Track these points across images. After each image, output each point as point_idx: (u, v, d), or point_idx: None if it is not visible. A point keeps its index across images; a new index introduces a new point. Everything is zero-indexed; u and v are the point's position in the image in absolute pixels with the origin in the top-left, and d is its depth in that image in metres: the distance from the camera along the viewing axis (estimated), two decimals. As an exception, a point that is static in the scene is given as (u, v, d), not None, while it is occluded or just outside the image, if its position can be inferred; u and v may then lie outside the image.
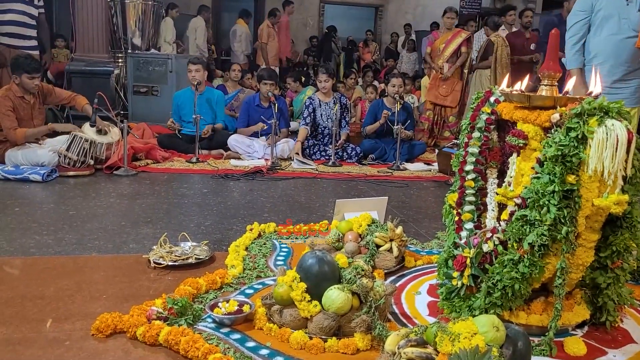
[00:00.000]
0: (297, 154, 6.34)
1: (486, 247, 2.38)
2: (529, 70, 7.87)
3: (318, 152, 6.62)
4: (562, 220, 2.15)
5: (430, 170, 6.22)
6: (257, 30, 11.30)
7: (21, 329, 2.28)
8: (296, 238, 3.58)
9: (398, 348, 1.97)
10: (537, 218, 2.19)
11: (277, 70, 10.56)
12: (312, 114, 6.70)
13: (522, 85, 2.58)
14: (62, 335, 2.24)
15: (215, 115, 6.71)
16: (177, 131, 6.41)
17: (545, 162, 2.18)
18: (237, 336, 2.28)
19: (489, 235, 2.41)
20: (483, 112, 2.58)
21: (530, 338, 2.11)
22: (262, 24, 11.24)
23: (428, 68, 8.82)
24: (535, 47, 8.27)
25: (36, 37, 6.78)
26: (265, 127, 6.38)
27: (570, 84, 2.49)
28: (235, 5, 14.89)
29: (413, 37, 13.67)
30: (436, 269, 2.78)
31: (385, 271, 3.01)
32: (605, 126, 2.08)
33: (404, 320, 2.51)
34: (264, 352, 2.18)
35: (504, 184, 2.48)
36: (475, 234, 2.49)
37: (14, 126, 5.12)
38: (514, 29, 8.71)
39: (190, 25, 11.02)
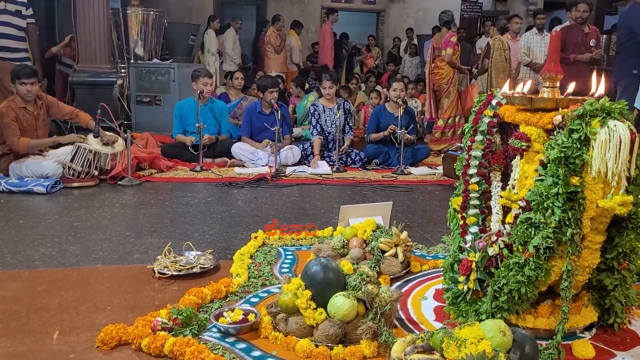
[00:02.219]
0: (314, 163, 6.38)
1: (491, 251, 2.37)
2: (587, 71, 6.95)
3: (322, 157, 6.61)
4: (567, 223, 2.14)
5: (434, 174, 6.21)
6: (265, 38, 11.49)
7: (26, 342, 2.27)
8: (301, 246, 3.57)
9: (404, 355, 1.96)
10: (541, 221, 2.18)
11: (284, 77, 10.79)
12: (319, 121, 6.70)
13: (523, 88, 2.58)
14: (67, 348, 2.24)
15: (219, 125, 6.72)
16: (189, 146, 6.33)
17: (548, 164, 2.17)
18: (242, 345, 2.27)
19: (494, 238, 2.40)
20: (485, 115, 2.57)
21: (538, 342, 2.10)
22: (268, 31, 11.41)
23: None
24: (595, 43, 7.36)
25: (26, 49, 6.76)
26: (270, 143, 6.37)
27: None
28: (238, 13, 14.94)
29: (415, 41, 13.67)
30: (442, 273, 2.77)
31: (391, 277, 3.00)
32: (608, 127, 2.07)
33: (411, 326, 2.50)
34: (270, 361, 2.17)
35: (507, 187, 2.47)
36: (481, 238, 2.48)
37: (17, 136, 5.13)
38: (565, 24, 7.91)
39: (224, 36, 11.43)
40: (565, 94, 2.43)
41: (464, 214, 2.63)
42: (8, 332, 2.35)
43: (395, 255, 3.09)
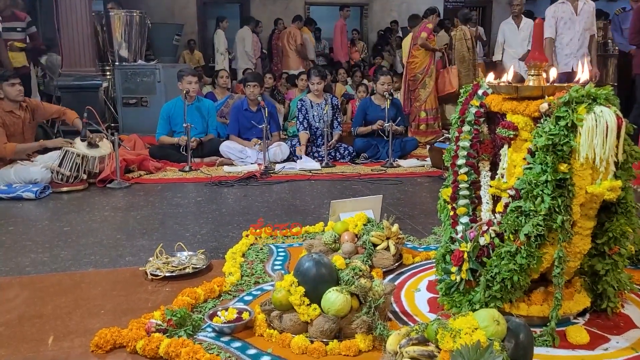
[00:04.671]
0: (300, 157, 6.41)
1: (483, 241, 2.37)
2: None
3: (311, 153, 6.61)
4: (557, 210, 2.15)
5: (423, 166, 6.23)
6: (285, 35, 11.90)
7: (20, 350, 2.26)
8: (293, 242, 3.56)
9: (400, 347, 1.96)
10: (531, 208, 2.19)
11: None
12: (306, 116, 6.69)
13: (508, 76, 2.58)
14: (62, 354, 2.22)
15: (207, 124, 6.70)
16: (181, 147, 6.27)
17: (536, 152, 2.18)
18: (237, 344, 2.27)
19: (484, 228, 2.41)
20: (472, 105, 2.58)
21: (532, 329, 2.11)
22: (290, 30, 11.86)
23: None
24: None
25: None
26: (259, 142, 6.36)
27: None
28: (222, 12, 14.88)
29: (400, 34, 13.68)
30: (434, 264, 2.77)
31: (384, 270, 3.00)
32: (594, 113, 2.07)
33: (405, 319, 2.50)
34: (266, 359, 2.17)
35: (497, 176, 2.48)
36: (472, 228, 2.48)
37: (3, 141, 5.09)
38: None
39: (238, 35, 11.78)
40: (550, 81, 2.44)
41: (454, 205, 2.64)
42: (2, 340, 2.33)
43: (387, 248, 3.09)
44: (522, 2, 8.04)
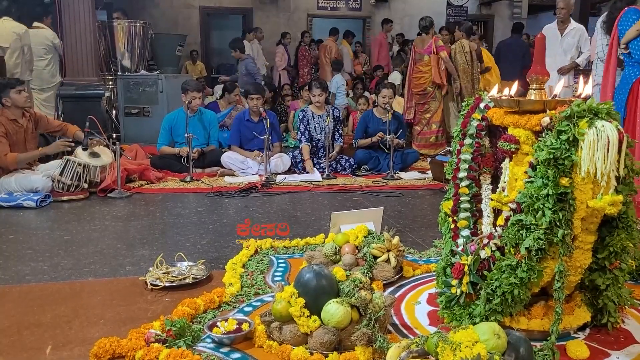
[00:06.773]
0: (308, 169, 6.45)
1: (483, 254, 2.37)
2: None
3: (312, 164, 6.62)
4: (558, 224, 2.15)
5: (424, 179, 6.23)
6: (324, 47, 12.50)
7: (19, 358, 2.25)
8: (293, 254, 3.56)
9: (399, 360, 1.95)
10: (532, 222, 2.19)
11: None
12: (307, 127, 6.70)
13: (510, 90, 2.59)
14: (60, 363, 2.22)
15: (209, 135, 6.71)
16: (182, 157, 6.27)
17: (537, 166, 2.18)
18: (237, 355, 2.26)
19: (485, 241, 2.41)
20: (474, 119, 2.59)
21: (532, 343, 2.10)
22: (326, 42, 12.43)
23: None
24: None
25: None
26: (261, 154, 6.36)
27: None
28: (224, 23, 14.96)
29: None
30: (435, 277, 2.77)
31: (384, 282, 2.99)
32: (596, 127, 2.08)
33: (405, 331, 2.49)
34: (265, 370, 2.16)
35: (498, 190, 2.48)
36: (472, 241, 2.48)
37: (5, 151, 5.10)
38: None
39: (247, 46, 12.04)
40: (552, 95, 2.45)
41: (455, 218, 2.64)
42: (0, 349, 2.32)
43: (388, 261, 3.09)
44: (569, 5, 7.00)
